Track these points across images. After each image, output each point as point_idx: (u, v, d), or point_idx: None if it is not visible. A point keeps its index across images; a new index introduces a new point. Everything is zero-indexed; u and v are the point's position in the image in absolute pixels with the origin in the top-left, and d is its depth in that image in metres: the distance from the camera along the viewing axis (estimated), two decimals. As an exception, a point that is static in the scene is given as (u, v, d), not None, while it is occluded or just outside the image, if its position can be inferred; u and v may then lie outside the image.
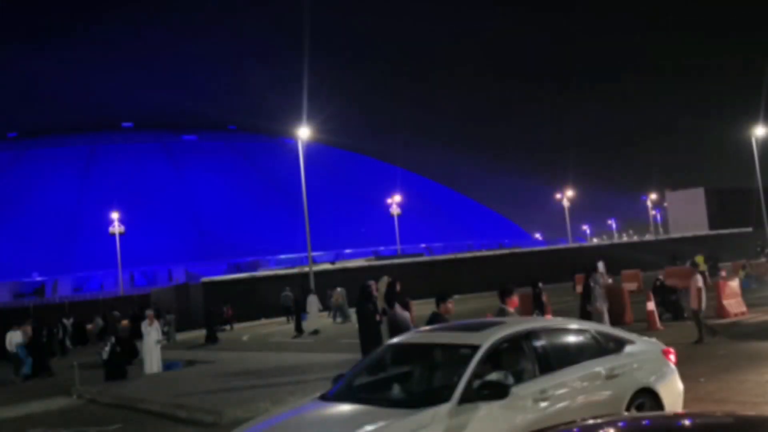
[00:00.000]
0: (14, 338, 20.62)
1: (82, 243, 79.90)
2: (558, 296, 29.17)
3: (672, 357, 7.49)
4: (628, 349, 7.15)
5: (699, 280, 15.02)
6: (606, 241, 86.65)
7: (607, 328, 7.93)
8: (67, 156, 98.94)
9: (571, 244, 64.55)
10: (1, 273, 75.31)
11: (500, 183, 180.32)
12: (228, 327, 33.48)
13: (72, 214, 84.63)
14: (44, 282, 77.10)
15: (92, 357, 24.06)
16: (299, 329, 26.58)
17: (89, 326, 34.73)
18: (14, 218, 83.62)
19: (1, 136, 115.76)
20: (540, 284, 16.82)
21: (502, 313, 9.12)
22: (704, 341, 14.37)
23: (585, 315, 15.77)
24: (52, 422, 12.54)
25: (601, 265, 28.95)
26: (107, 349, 19.40)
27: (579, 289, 16.15)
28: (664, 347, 7.60)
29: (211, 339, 26.78)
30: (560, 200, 79.29)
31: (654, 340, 7.85)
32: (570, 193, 79.74)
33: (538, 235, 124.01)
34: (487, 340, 6.25)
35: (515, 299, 9.00)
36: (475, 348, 6.14)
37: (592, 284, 16.42)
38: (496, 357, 6.38)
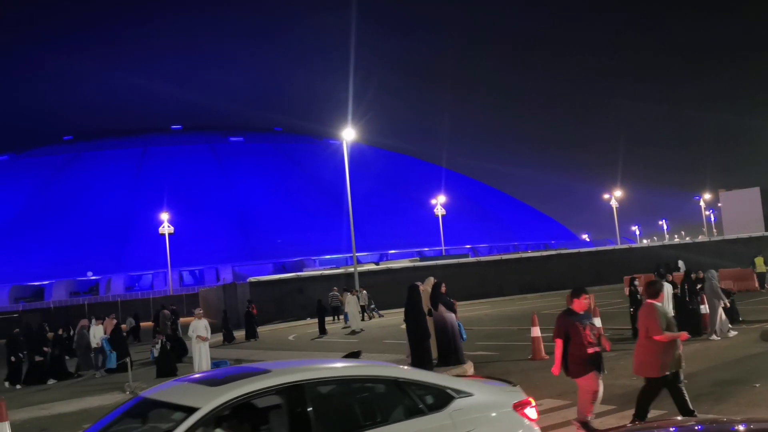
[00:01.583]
0: (98, 333, 20.76)
1: (133, 243, 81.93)
2: (607, 299, 28.67)
3: (531, 412, 5.52)
4: (456, 404, 5.21)
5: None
6: (657, 242, 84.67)
7: (430, 375, 5.57)
8: (120, 158, 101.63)
9: (620, 245, 63.27)
10: (58, 272, 77.83)
11: (548, 183, 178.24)
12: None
13: (124, 215, 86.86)
14: (98, 281, 79.30)
15: (141, 354, 24.69)
16: (322, 330, 27.58)
17: (123, 326, 35.40)
18: (71, 219, 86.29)
19: (57, 139, 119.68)
20: (637, 281, 16.96)
21: (569, 314, 7.96)
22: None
23: (689, 317, 15.40)
24: (106, 417, 12.90)
25: (681, 264, 28.29)
26: (158, 346, 19.87)
27: (672, 289, 15.78)
28: (519, 399, 5.52)
29: (251, 336, 28.42)
30: (609, 200, 77.89)
31: (512, 387, 5.77)
32: (619, 193, 78.28)
33: (585, 236, 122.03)
34: (210, 402, 4.56)
35: (584, 301, 8.00)
36: (190, 411, 4.50)
37: (703, 283, 16.42)
38: (233, 424, 4.86)
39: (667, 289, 15.34)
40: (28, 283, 78.22)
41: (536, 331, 14.82)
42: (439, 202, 72.16)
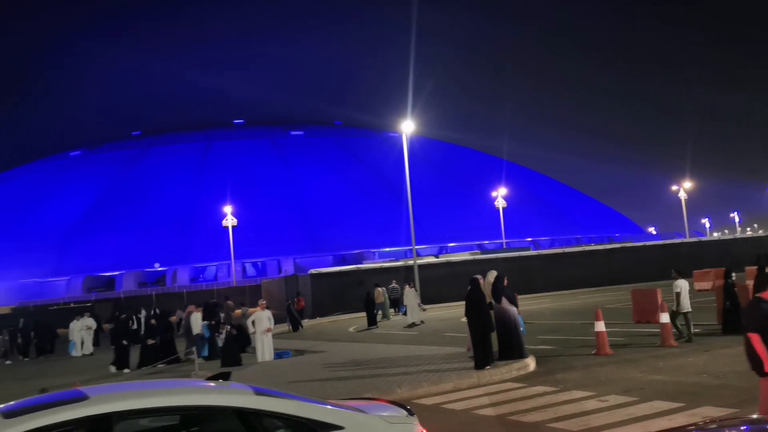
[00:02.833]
0: (197, 320, 21.20)
1: (198, 235, 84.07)
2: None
3: None
4: None
5: None
6: (728, 236, 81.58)
7: (290, 405, 4.66)
8: (185, 152, 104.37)
9: (689, 239, 61.24)
10: (128, 263, 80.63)
11: (612, 175, 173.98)
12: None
13: (189, 208, 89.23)
14: (165, 272, 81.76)
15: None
16: (371, 323, 28.16)
17: (172, 318, 36.19)
18: (139, 212, 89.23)
19: (126, 135, 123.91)
20: (734, 274, 16.40)
21: (761, 302, 6.67)
22: None
23: None
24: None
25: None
26: (223, 336, 20.34)
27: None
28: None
29: (294, 328, 29.60)
30: (677, 192, 75.45)
31: (405, 418, 4.97)
32: (687, 184, 75.70)
33: (652, 229, 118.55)
34: None
35: None
36: None
37: None
38: None
39: None
40: (99, 274, 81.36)
41: (600, 326, 14.49)
42: (500, 195, 71.36)
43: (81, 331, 28.23)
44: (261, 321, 18.60)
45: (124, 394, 4.60)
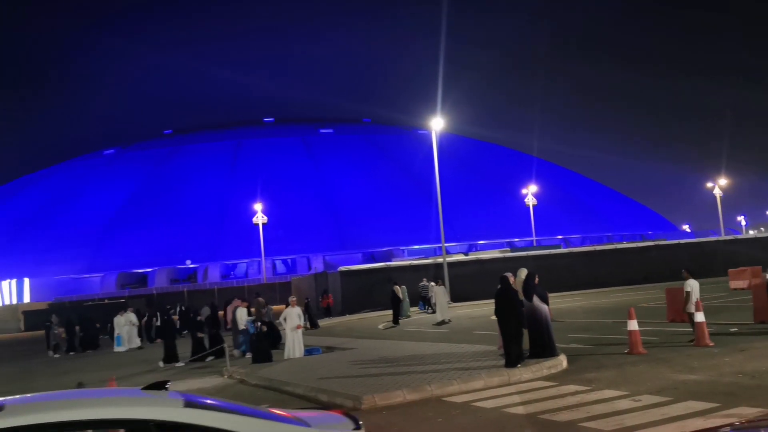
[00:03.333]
0: (242, 315, 21.24)
1: (229, 233, 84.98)
2: (711, 292, 27.34)
3: None
4: None
5: None
6: (764, 233, 79.87)
7: (216, 418, 4.34)
8: (216, 151, 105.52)
9: (724, 237, 60.08)
10: (160, 260, 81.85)
11: (646, 172, 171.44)
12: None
13: (220, 206, 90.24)
14: (196, 269, 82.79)
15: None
16: (396, 320, 28.48)
17: (220, 313, 36.57)
18: (171, 209, 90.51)
19: (158, 133, 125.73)
20: None
21: None
22: None
23: None
24: (206, 399, 13.48)
25: None
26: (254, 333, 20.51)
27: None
28: None
29: (313, 326, 29.65)
30: (712, 189, 74.08)
31: (350, 429, 4.76)
32: (723, 181, 74.26)
33: (686, 227, 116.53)
34: None
35: None
36: None
37: None
38: None
39: None
40: (132, 270, 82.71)
41: (633, 325, 14.30)
42: (530, 192, 70.82)
43: (125, 326, 28.69)
44: (291, 318, 18.73)
45: (39, 406, 4.35)
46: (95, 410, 4.32)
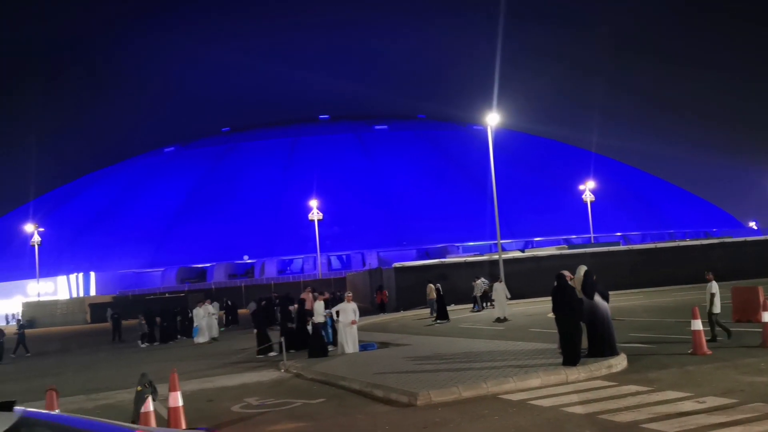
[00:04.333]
0: (320, 308, 21.03)
1: (285, 229, 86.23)
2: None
3: None
4: None
5: None
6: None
7: None
8: (273, 148, 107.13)
9: (793, 234, 57.65)
10: (218, 255, 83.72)
11: (709, 167, 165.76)
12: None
13: (277, 202, 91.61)
14: (253, 264, 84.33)
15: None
16: (442, 316, 28.31)
17: (294, 306, 37.17)
18: (229, 206, 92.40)
19: (216, 131, 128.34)
20: None
21: None
22: None
23: None
24: (263, 392, 13.72)
25: None
26: (309, 327, 20.74)
27: None
28: None
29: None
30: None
31: None
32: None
33: (753, 224, 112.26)
34: None
35: None
36: None
37: None
38: None
39: None
40: (192, 266, 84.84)
41: (697, 324, 13.86)
42: (588, 188, 69.45)
43: (204, 317, 29.30)
44: (346, 313, 18.85)
45: None
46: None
